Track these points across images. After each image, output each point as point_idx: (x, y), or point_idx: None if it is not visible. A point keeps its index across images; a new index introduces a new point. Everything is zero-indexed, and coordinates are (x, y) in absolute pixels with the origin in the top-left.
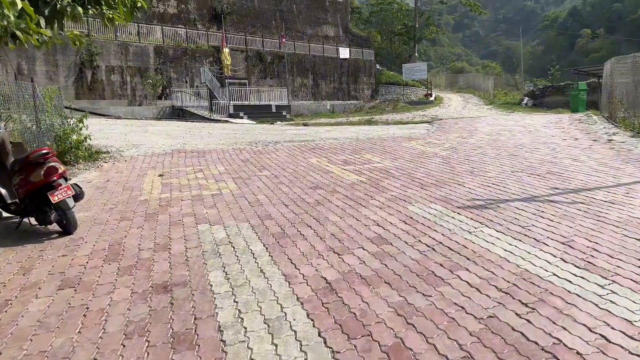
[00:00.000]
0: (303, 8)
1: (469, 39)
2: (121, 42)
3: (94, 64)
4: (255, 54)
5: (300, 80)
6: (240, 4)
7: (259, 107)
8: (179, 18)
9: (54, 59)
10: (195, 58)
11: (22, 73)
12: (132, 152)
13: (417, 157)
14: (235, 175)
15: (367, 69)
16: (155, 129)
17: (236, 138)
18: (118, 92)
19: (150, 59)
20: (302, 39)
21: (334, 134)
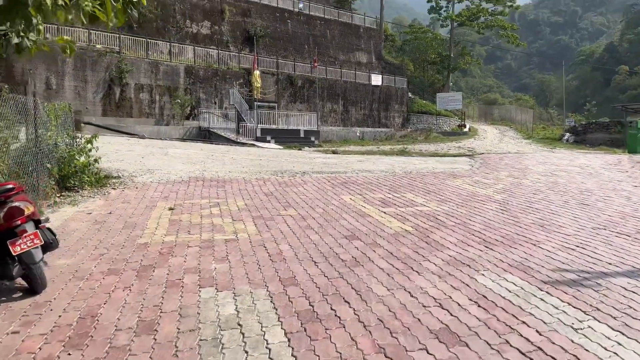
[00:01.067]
0: (337, 34)
1: (500, 71)
2: (152, 61)
3: (123, 81)
4: (286, 77)
5: (330, 105)
6: (273, 28)
7: (287, 132)
8: (211, 39)
9: (83, 74)
10: (226, 79)
11: (51, 88)
12: (146, 178)
13: (469, 200)
14: (256, 214)
15: (398, 97)
16: (176, 151)
17: (261, 166)
18: (146, 111)
19: (180, 79)
20: (334, 64)
21: (366, 165)
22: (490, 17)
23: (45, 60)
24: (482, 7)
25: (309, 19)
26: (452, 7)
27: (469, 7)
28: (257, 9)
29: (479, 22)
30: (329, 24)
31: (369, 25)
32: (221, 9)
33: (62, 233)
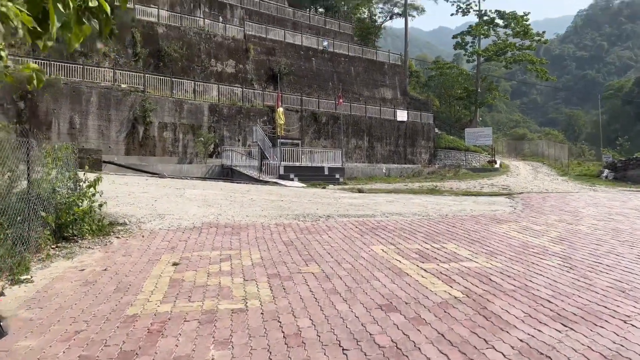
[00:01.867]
0: (361, 70)
1: (526, 106)
2: (176, 99)
3: (147, 119)
4: (310, 114)
5: (355, 141)
6: (297, 65)
7: (310, 169)
8: (236, 77)
9: (107, 113)
10: (249, 117)
11: (74, 127)
12: (155, 225)
13: (522, 253)
14: (272, 271)
15: (425, 133)
16: (193, 192)
17: (281, 208)
18: (169, 149)
19: (204, 117)
20: (359, 101)
21: (396, 206)
22: (517, 51)
23: (70, 100)
24: (509, 42)
25: (333, 56)
26: (478, 42)
27: (495, 42)
28: (282, 48)
29: (506, 56)
30: (353, 60)
31: (393, 62)
32: (246, 48)
33: (42, 298)
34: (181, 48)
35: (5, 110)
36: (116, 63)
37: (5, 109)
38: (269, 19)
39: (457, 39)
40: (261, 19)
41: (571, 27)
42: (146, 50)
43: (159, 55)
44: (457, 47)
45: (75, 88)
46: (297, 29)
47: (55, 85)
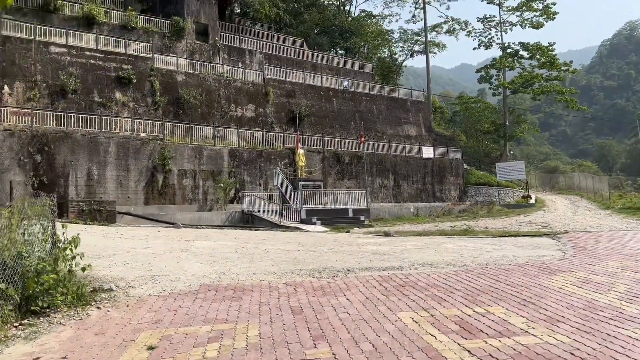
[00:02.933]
0: (383, 108)
1: (555, 138)
2: (195, 146)
3: (166, 167)
4: (333, 154)
5: (381, 181)
6: (318, 106)
7: (333, 212)
8: (256, 121)
9: (126, 163)
10: (270, 160)
11: (92, 179)
12: (145, 289)
13: (591, 319)
14: (270, 357)
15: (453, 169)
16: (202, 245)
17: (296, 261)
18: (189, 197)
19: (224, 162)
20: (382, 139)
21: (427, 254)
22: (544, 82)
23: (88, 151)
24: (535, 74)
25: (354, 95)
26: (503, 74)
27: (521, 74)
28: (302, 90)
29: (533, 88)
30: (374, 99)
31: (416, 99)
32: (265, 92)
33: None
34: (200, 94)
35: (22, 163)
36: (135, 112)
37: (22, 163)
38: (288, 62)
39: (481, 73)
40: (280, 62)
41: (596, 57)
42: (165, 98)
43: (179, 103)
44: (482, 80)
45: (93, 139)
46: (316, 70)
47: (72, 136)
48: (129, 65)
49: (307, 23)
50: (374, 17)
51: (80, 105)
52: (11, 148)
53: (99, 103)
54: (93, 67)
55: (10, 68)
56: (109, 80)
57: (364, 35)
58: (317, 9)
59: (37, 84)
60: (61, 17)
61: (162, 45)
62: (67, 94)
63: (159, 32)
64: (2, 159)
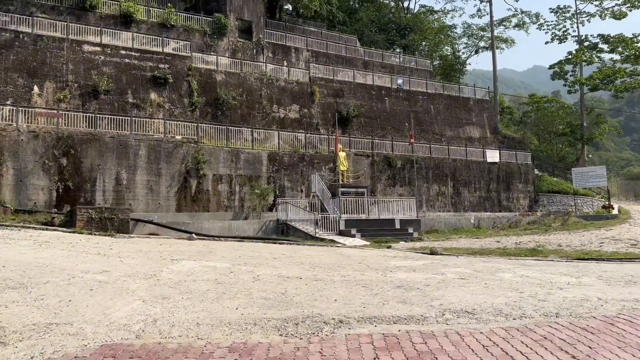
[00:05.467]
0: (442, 108)
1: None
2: (232, 149)
3: (200, 172)
4: (383, 158)
5: (437, 187)
6: (369, 106)
7: (377, 222)
8: (300, 123)
9: (157, 167)
10: (313, 164)
11: (121, 184)
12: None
13: None
14: None
15: (522, 175)
16: (181, 267)
17: (281, 299)
18: (224, 204)
19: (262, 167)
20: (441, 141)
21: (472, 290)
22: (628, 78)
23: (117, 154)
24: (618, 68)
25: (409, 94)
26: (580, 70)
27: (601, 69)
28: (351, 89)
29: (615, 84)
30: (432, 98)
31: (480, 97)
32: (311, 91)
33: None
34: (241, 95)
35: (47, 167)
36: (171, 114)
37: (47, 166)
38: (338, 59)
39: (554, 69)
40: (329, 60)
41: None
42: (203, 99)
43: (217, 104)
44: (556, 77)
45: (123, 141)
46: (368, 68)
47: (101, 139)
48: (165, 64)
49: (363, 21)
50: (435, 12)
51: (113, 107)
52: (35, 151)
53: (132, 104)
54: (128, 66)
55: (41, 68)
56: (144, 80)
57: (423, 32)
58: (373, 6)
59: (69, 84)
60: (97, 15)
61: (202, 44)
62: (100, 95)
63: (200, 30)
64: (25, 162)
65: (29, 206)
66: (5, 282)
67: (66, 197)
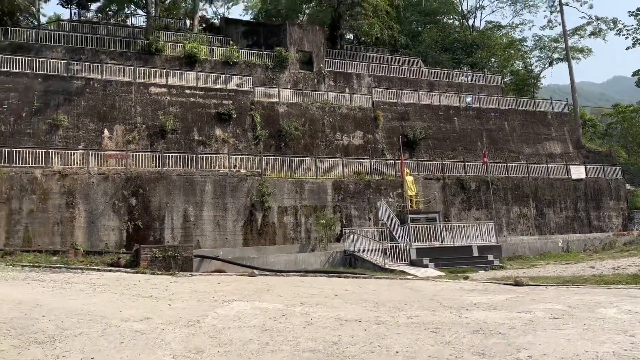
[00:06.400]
0: (517, 125)
1: None
2: (296, 180)
3: (265, 205)
4: (455, 181)
5: (518, 209)
6: (436, 127)
7: (452, 250)
8: (364, 149)
9: (223, 202)
10: (380, 191)
11: (189, 220)
12: None
13: None
14: None
15: (612, 191)
16: (229, 311)
17: (330, 351)
18: (291, 236)
19: (327, 196)
20: (518, 159)
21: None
22: None
23: (184, 191)
24: None
25: (480, 112)
26: None
27: None
28: (416, 111)
29: None
30: (505, 114)
31: (558, 110)
32: (374, 116)
33: None
34: (303, 125)
35: (117, 208)
36: (235, 148)
37: (117, 207)
38: (401, 82)
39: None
40: (392, 84)
41: None
42: (266, 131)
43: (280, 135)
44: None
45: (189, 178)
46: (434, 88)
47: (168, 177)
48: (229, 100)
49: (426, 42)
50: (503, 27)
51: (180, 145)
52: (105, 192)
53: (198, 141)
54: (193, 105)
55: (111, 112)
56: (209, 117)
57: (491, 48)
58: (437, 27)
59: (137, 125)
60: (163, 57)
61: (264, 78)
62: (167, 134)
63: (262, 64)
64: (96, 204)
65: (100, 247)
66: (35, 335)
67: (136, 237)
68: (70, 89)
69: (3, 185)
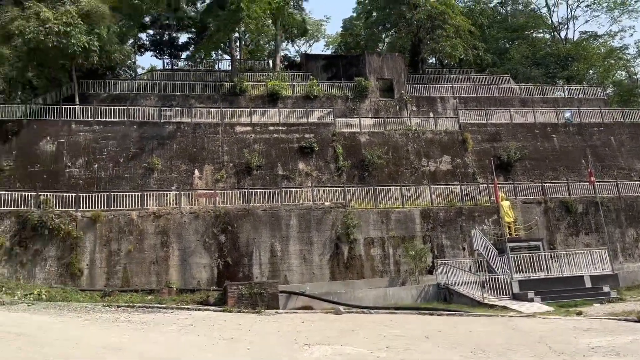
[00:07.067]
0: (625, 138)
1: None
2: (381, 210)
3: (351, 237)
4: (559, 204)
5: (634, 232)
6: (533, 147)
7: (561, 281)
8: (453, 174)
9: (308, 236)
10: (474, 218)
11: (276, 255)
12: None
13: None
14: None
15: None
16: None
17: None
18: (379, 269)
19: (415, 225)
20: (630, 177)
21: None
22: None
23: (270, 227)
24: None
25: (581, 128)
26: None
27: None
28: (508, 130)
29: None
30: (611, 128)
31: None
32: (462, 139)
33: None
34: (386, 153)
35: (207, 245)
36: (319, 180)
37: (207, 244)
38: (490, 102)
39: None
40: (479, 104)
41: None
42: (348, 162)
43: (363, 165)
44: None
45: (274, 213)
46: (526, 106)
47: (254, 213)
48: (311, 134)
49: (515, 59)
50: (599, 37)
51: (265, 180)
52: (197, 230)
53: (282, 176)
54: (276, 140)
55: (200, 152)
56: (292, 152)
57: (588, 59)
58: (526, 42)
59: (224, 164)
60: (247, 97)
61: (345, 109)
62: (252, 171)
63: (341, 95)
64: (188, 242)
65: (193, 285)
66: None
67: (226, 273)
68: (163, 134)
69: (103, 228)
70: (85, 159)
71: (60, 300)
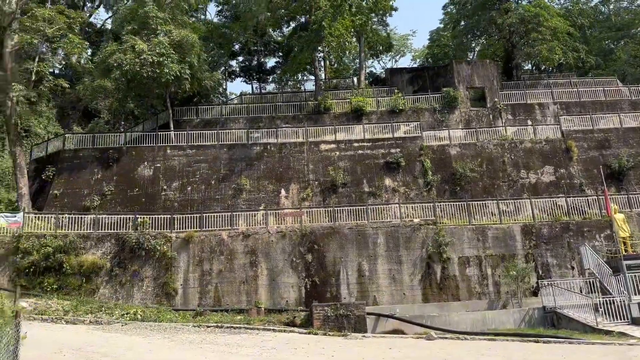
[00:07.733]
0: None
1: None
2: (476, 226)
3: (444, 256)
4: None
5: None
6: None
7: None
8: (556, 186)
9: (397, 254)
10: (583, 234)
11: (363, 275)
12: None
13: None
14: None
15: None
16: None
17: None
18: (476, 290)
19: (516, 242)
20: None
21: None
22: None
23: (357, 245)
24: None
25: None
26: None
27: None
28: (618, 136)
29: None
30: None
31: None
32: (566, 147)
33: None
34: (479, 165)
35: (294, 265)
36: (407, 197)
37: (294, 264)
38: (595, 106)
39: None
40: (583, 109)
41: None
42: (438, 176)
43: (454, 179)
44: None
45: (361, 231)
46: (638, 108)
47: (340, 231)
48: (397, 148)
49: (621, 59)
50: None
51: (351, 198)
52: (284, 250)
53: (368, 193)
54: (361, 157)
55: (286, 172)
56: (377, 168)
57: None
58: (633, 41)
59: (310, 183)
60: (332, 115)
61: (432, 121)
62: (338, 188)
63: (428, 108)
64: (276, 261)
65: (281, 304)
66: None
67: (314, 293)
68: (250, 155)
69: (196, 248)
70: (179, 182)
71: (153, 320)
